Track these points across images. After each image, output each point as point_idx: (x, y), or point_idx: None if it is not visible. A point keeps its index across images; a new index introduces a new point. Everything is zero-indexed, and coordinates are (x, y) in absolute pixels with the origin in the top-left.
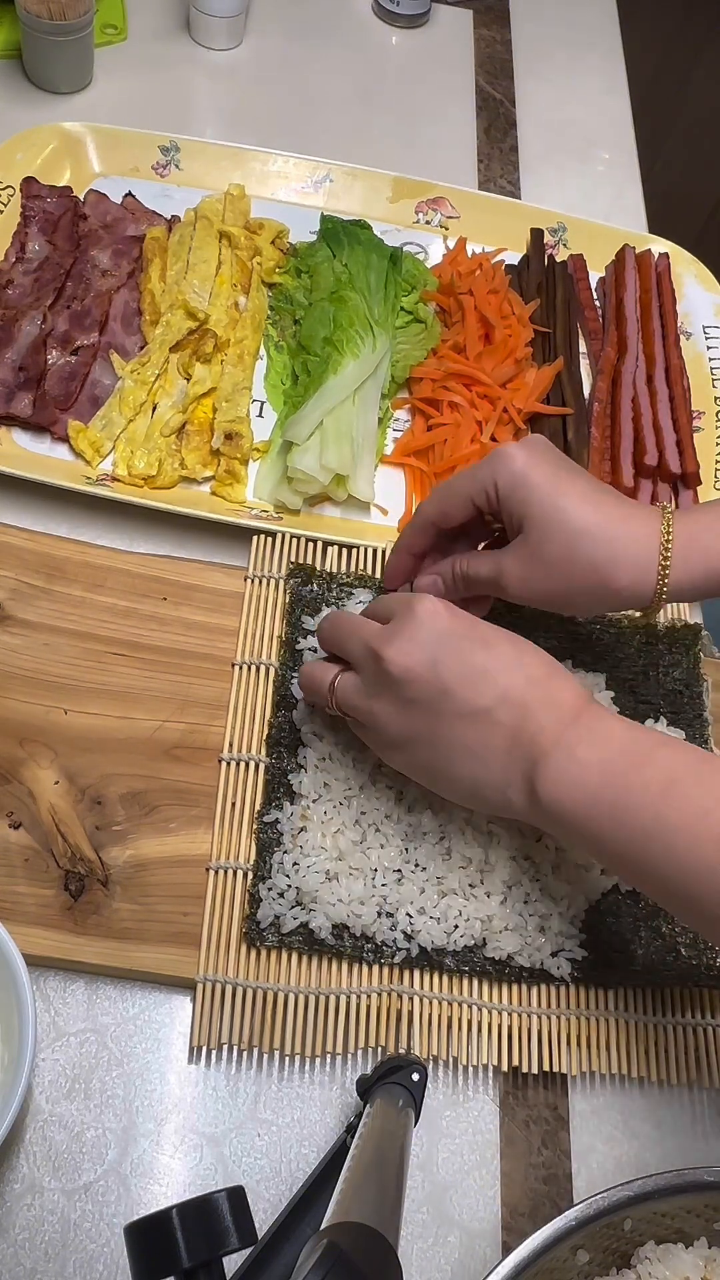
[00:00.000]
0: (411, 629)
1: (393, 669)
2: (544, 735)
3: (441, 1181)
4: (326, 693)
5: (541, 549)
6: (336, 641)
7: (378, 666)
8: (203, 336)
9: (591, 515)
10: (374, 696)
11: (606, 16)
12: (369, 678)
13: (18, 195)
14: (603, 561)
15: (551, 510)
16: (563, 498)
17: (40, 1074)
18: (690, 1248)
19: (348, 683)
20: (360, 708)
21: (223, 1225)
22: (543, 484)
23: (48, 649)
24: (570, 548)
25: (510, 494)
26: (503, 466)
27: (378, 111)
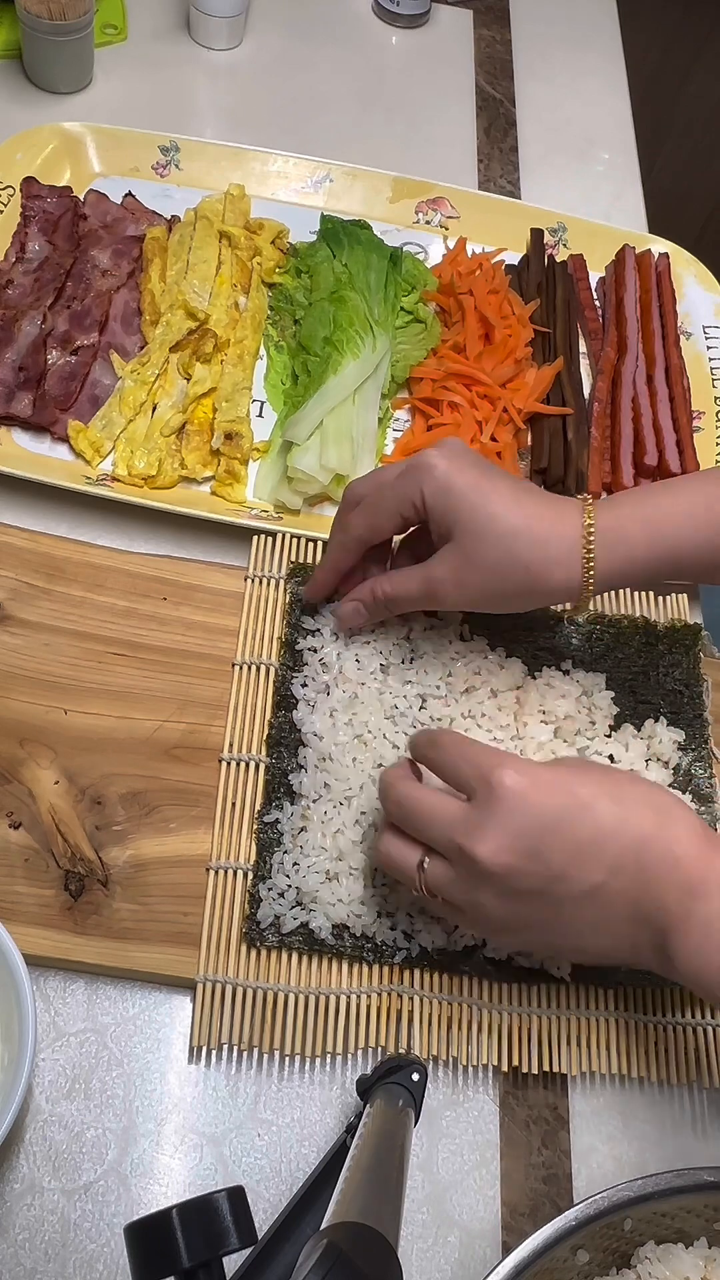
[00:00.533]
0: (501, 815)
1: (490, 867)
2: (670, 905)
3: (441, 1181)
4: (414, 876)
5: (474, 554)
6: (412, 827)
7: (471, 865)
8: (203, 336)
9: (520, 517)
10: (472, 889)
11: (606, 16)
12: (464, 872)
13: (18, 195)
14: (535, 561)
15: (481, 516)
16: (490, 503)
17: (40, 1074)
18: (690, 1248)
19: (440, 874)
20: (458, 899)
21: (223, 1225)
22: (468, 490)
23: (48, 649)
24: (502, 550)
25: (437, 503)
26: (427, 476)
27: (378, 111)
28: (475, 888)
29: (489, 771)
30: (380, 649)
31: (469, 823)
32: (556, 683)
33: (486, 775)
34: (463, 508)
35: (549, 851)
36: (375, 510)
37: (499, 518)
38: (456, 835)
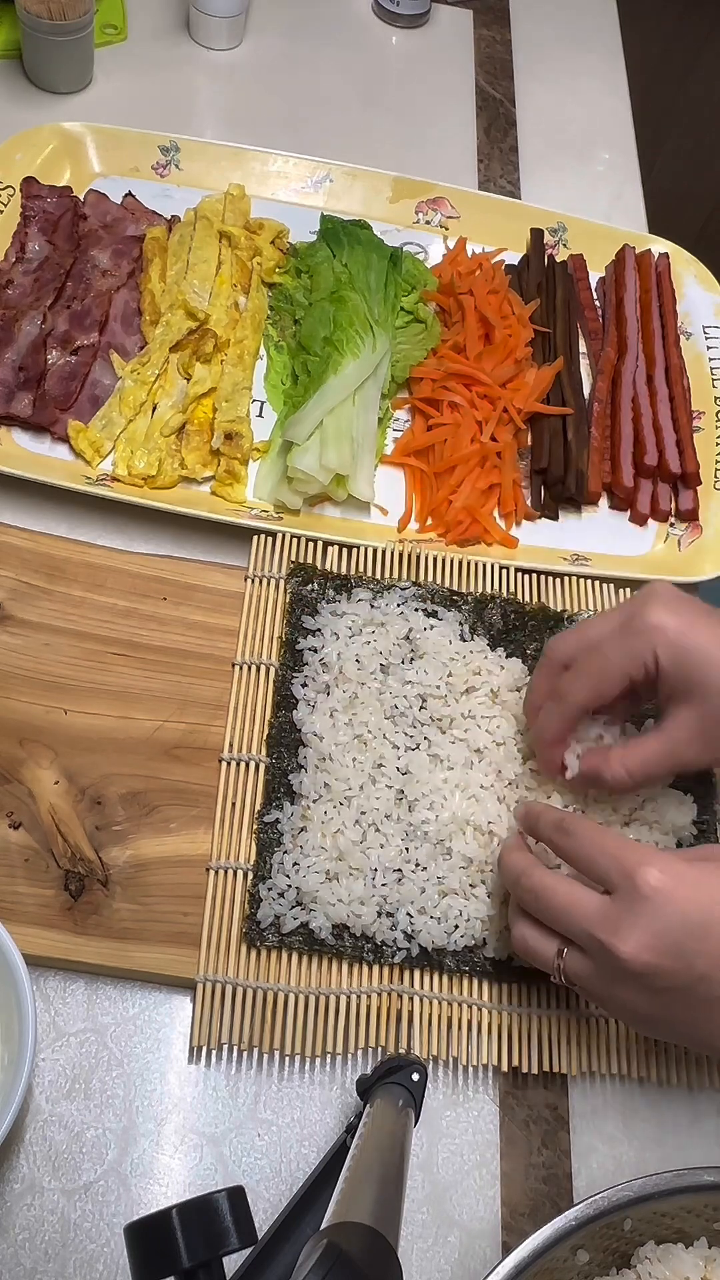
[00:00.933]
0: (644, 915)
1: (635, 966)
2: None
3: (441, 1181)
4: (553, 967)
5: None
6: (549, 918)
7: (615, 963)
8: (203, 336)
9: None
10: (614, 984)
11: (606, 16)
12: (605, 967)
13: (18, 195)
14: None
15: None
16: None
17: (40, 1074)
18: (690, 1248)
19: (579, 967)
20: (599, 994)
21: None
22: (705, 646)
23: (48, 649)
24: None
25: (674, 665)
26: (660, 638)
27: (378, 111)
28: (615, 983)
29: (633, 869)
30: (380, 649)
31: (609, 919)
32: None
33: (630, 872)
34: (704, 665)
35: (694, 954)
36: (600, 676)
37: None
38: (596, 931)
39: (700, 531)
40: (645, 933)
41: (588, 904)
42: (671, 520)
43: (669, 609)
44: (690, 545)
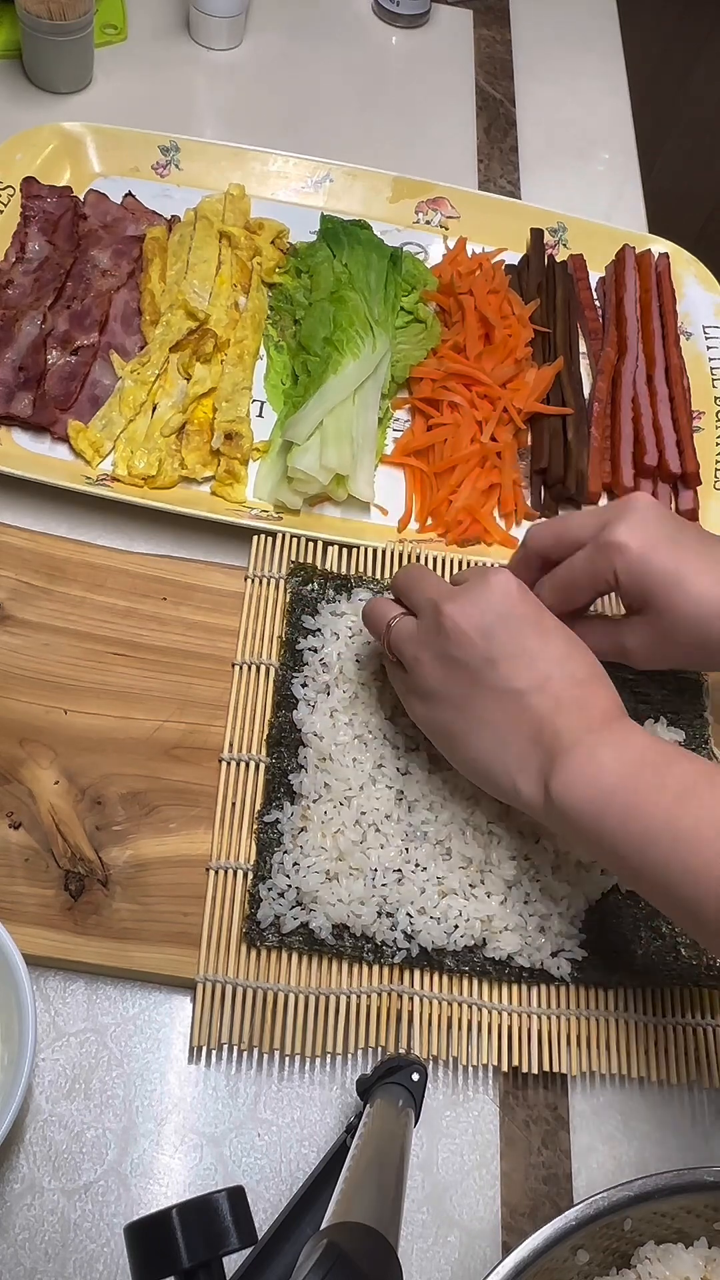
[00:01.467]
0: (479, 594)
1: (448, 624)
2: (568, 733)
3: (441, 1181)
4: (383, 628)
5: (673, 633)
6: (407, 588)
7: (436, 619)
8: (203, 336)
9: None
10: (423, 645)
11: (606, 16)
12: (425, 626)
13: (18, 195)
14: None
15: (679, 596)
16: (689, 581)
17: (40, 1074)
18: (690, 1248)
19: (404, 625)
20: (407, 652)
21: (223, 1225)
22: (664, 569)
23: (48, 649)
24: (702, 632)
25: (632, 583)
26: (618, 558)
27: (378, 111)
28: (426, 643)
29: (491, 570)
30: (380, 649)
31: (453, 591)
32: None
33: (488, 571)
34: (659, 589)
35: (495, 638)
36: (567, 591)
37: (698, 600)
38: (438, 594)
39: None
40: (472, 605)
41: (444, 584)
42: None
43: (636, 527)
44: None
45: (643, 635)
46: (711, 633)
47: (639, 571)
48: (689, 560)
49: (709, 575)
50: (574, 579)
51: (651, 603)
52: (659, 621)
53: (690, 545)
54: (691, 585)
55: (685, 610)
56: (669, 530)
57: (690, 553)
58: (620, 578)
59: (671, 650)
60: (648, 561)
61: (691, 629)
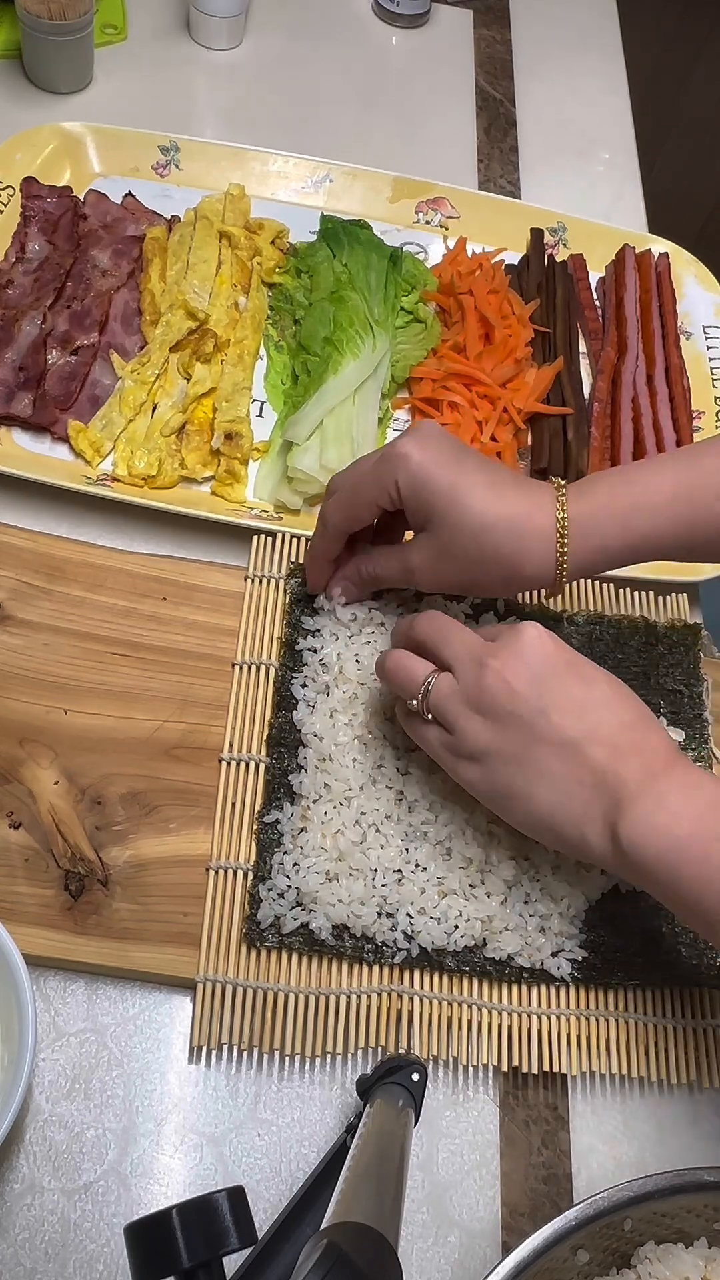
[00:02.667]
0: (519, 647)
1: (493, 680)
2: (631, 780)
3: (441, 1181)
4: (417, 688)
5: (450, 546)
6: (435, 641)
7: (480, 674)
8: (203, 336)
9: (495, 507)
10: (468, 704)
11: (606, 16)
12: (468, 682)
13: (18, 195)
14: (509, 555)
15: (456, 508)
16: (464, 495)
17: (40, 1074)
18: (690, 1248)
19: (443, 685)
20: (450, 712)
21: (223, 1225)
22: (443, 482)
23: (48, 649)
24: (478, 543)
25: (412, 494)
26: (401, 466)
27: (378, 111)
28: (472, 703)
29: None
30: (380, 649)
31: (493, 649)
32: None
33: (516, 625)
34: (437, 501)
35: (545, 688)
36: (353, 501)
37: (474, 512)
38: (478, 648)
39: None
40: (516, 658)
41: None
42: None
43: (419, 443)
44: None
45: (424, 551)
46: (485, 545)
47: (420, 481)
48: (468, 475)
49: (487, 490)
50: (358, 492)
51: (431, 516)
52: (439, 535)
53: (470, 464)
54: (468, 497)
55: (463, 521)
56: (452, 449)
57: (469, 468)
58: (402, 488)
59: (449, 565)
60: (429, 472)
61: (467, 542)
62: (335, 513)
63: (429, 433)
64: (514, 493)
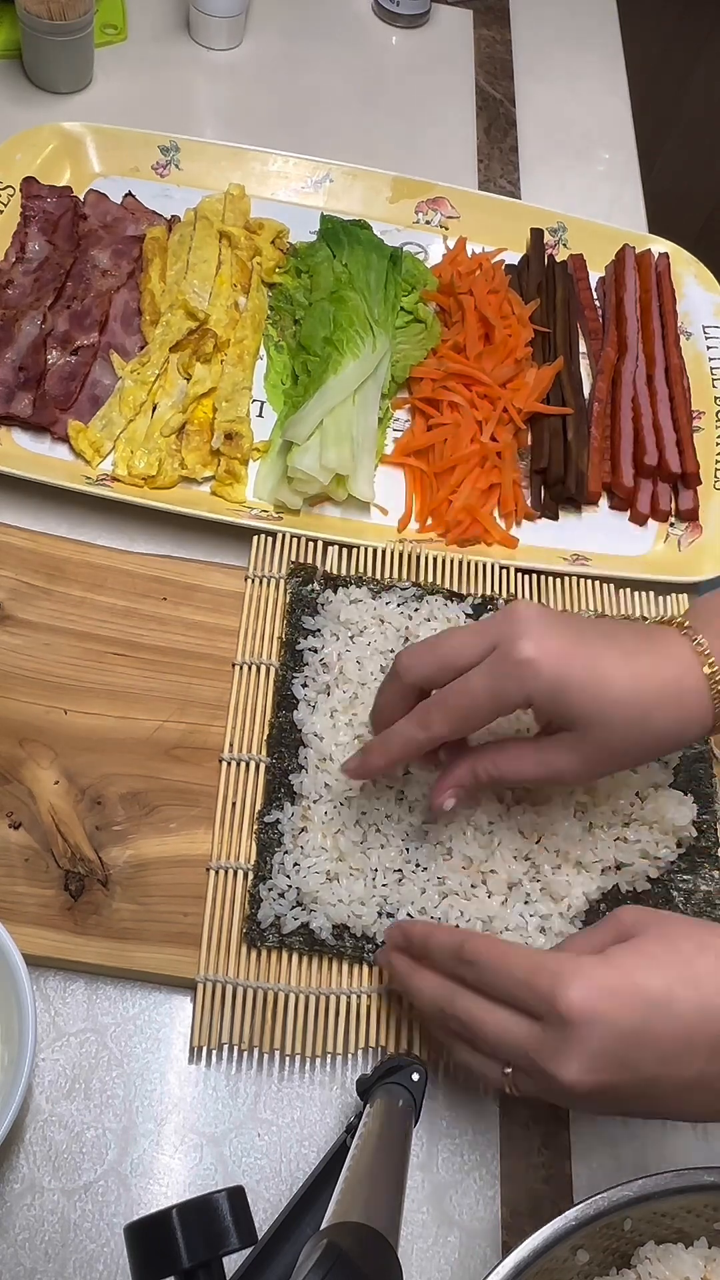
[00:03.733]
0: (578, 1040)
1: (581, 1090)
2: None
3: (441, 1181)
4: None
5: (606, 743)
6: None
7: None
8: (203, 336)
9: (644, 685)
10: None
11: (606, 16)
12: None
13: (18, 195)
14: (674, 728)
15: (606, 706)
16: (609, 687)
17: (40, 1074)
18: (690, 1248)
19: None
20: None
21: (223, 1225)
22: (583, 682)
23: (48, 649)
24: (636, 733)
25: (552, 706)
26: (530, 679)
27: (378, 111)
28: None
29: (551, 995)
30: (380, 649)
31: (546, 1046)
32: None
33: (549, 998)
34: (583, 704)
35: (637, 1062)
36: (468, 714)
37: (624, 703)
38: (537, 1059)
39: (700, 531)
40: (584, 1056)
41: (518, 1032)
42: (671, 520)
43: (540, 639)
44: (690, 545)
45: (576, 753)
46: (645, 731)
47: (556, 689)
48: (601, 662)
49: (624, 668)
50: (474, 705)
51: (576, 718)
52: (590, 735)
53: (592, 640)
54: (613, 688)
55: (615, 717)
56: (568, 634)
57: (597, 651)
58: (535, 698)
59: (609, 759)
60: (564, 677)
61: (623, 733)
62: (441, 725)
63: (538, 624)
64: (649, 659)
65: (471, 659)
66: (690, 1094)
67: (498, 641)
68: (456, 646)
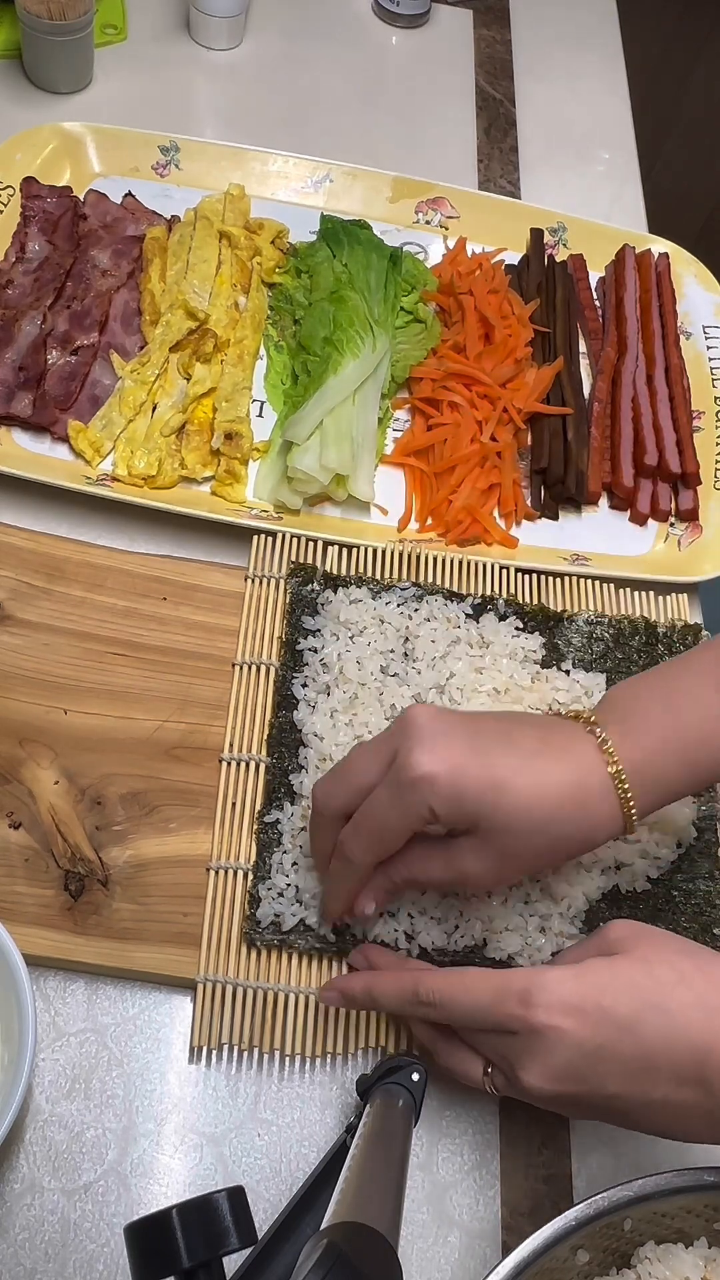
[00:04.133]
0: (541, 1050)
1: (543, 1095)
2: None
3: (441, 1181)
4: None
5: (510, 849)
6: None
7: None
8: (203, 336)
9: (547, 792)
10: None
11: (606, 16)
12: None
13: (18, 195)
14: (579, 831)
15: (506, 813)
16: (511, 793)
17: (40, 1074)
18: (690, 1248)
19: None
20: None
21: (223, 1225)
22: (484, 790)
23: (48, 649)
24: (540, 839)
25: (452, 814)
26: (429, 793)
27: (378, 111)
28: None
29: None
30: (380, 649)
31: (512, 1050)
32: (557, 683)
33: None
34: (483, 811)
35: (599, 1078)
36: (381, 836)
37: (528, 809)
38: (509, 1066)
39: (700, 531)
40: (545, 1067)
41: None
42: (671, 520)
43: (433, 750)
44: (690, 545)
45: (482, 858)
46: (552, 835)
47: (453, 801)
48: (500, 766)
49: (527, 775)
50: (385, 827)
51: (479, 823)
52: (495, 841)
53: (490, 746)
54: (516, 795)
55: (520, 823)
56: (463, 738)
57: (497, 757)
58: (437, 810)
59: (515, 865)
60: (462, 787)
61: (531, 839)
62: (363, 852)
63: (430, 732)
64: (554, 763)
65: (375, 777)
66: (656, 1113)
67: (396, 759)
68: (360, 769)
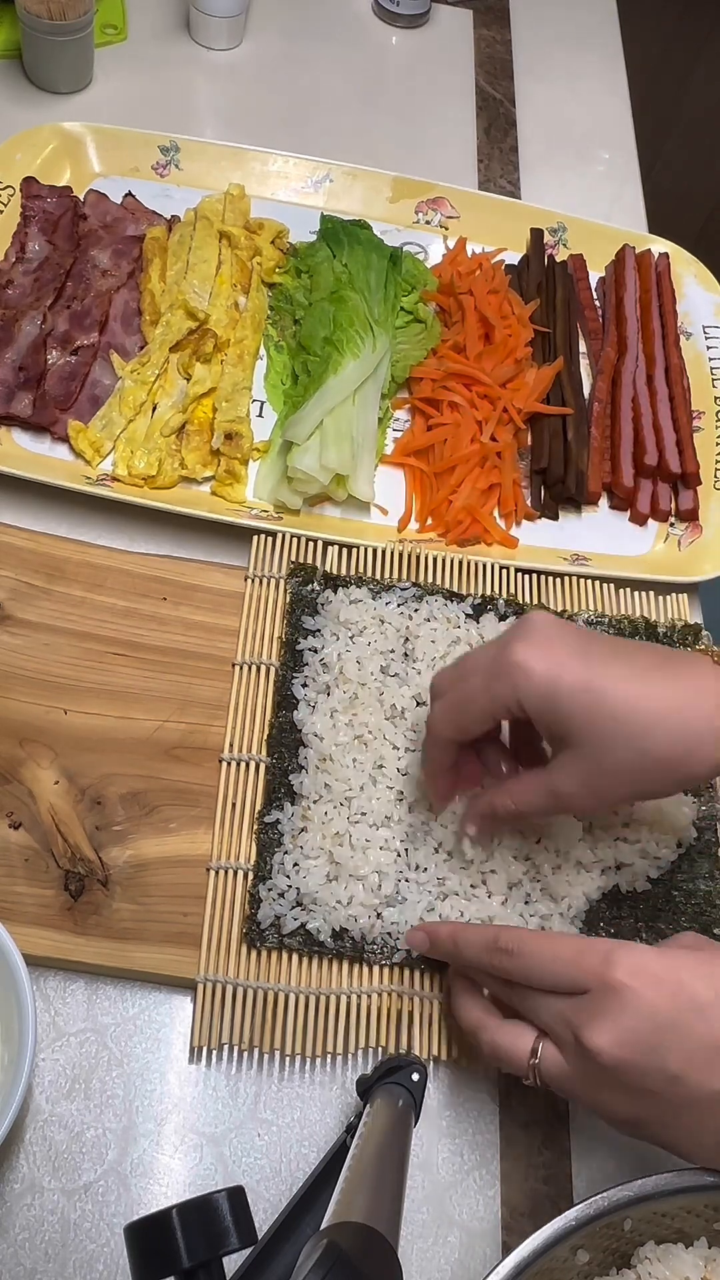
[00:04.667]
0: (615, 1009)
1: (605, 1060)
2: None
3: (441, 1181)
4: (524, 1065)
5: (603, 762)
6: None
7: (584, 1054)
8: (203, 336)
9: (648, 703)
10: (588, 1085)
11: (606, 16)
12: (575, 1061)
13: (18, 195)
14: (678, 754)
15: (601, 718)
16: (609, 699)
17: (40, 1074)
18: (690, 1248)
19: (553, 1064)
20: (572, 1093)
21: (223, 1225)
22: (578, 692)
23: (48, 649)
24: (636, 753)
25: (543, 713)
26: (521, 683)
27: (378, 111)
28: (593, 1083)
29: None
30: (380, 649)
31: (584, 1010)
32: None
33: (599, 972)
34: (577, 713)
35: (665, 1051)
36: (463, 712)
37: (624, 716)
38: (572, 1018)
39: (700, 531)
40: (616, 1027)
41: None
42: (671, 520)
43: (536, 647)
44: (690, 545)
45: (573, 775)
46: (647, 752)
47: (545, 696)
48: (604, 671)
49: (632, 684)
50: (469, 705)
51: (571, 730)
52: (587, 753)
53: (600, 653)
54: (613, 700)
55: (614, 732)
56: (575, 641)
57: (604, 661)
58: (526, 705)
59: (608, 784)
60: (557, 683)
61: (625, 753)
62: (442, 725)
63: (541, 629)
64: (664, 678)
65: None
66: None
67: (500, 648)
68: (475, 655)
